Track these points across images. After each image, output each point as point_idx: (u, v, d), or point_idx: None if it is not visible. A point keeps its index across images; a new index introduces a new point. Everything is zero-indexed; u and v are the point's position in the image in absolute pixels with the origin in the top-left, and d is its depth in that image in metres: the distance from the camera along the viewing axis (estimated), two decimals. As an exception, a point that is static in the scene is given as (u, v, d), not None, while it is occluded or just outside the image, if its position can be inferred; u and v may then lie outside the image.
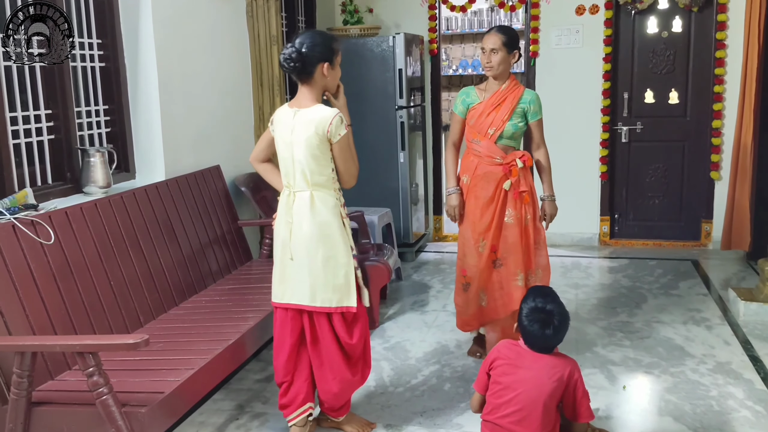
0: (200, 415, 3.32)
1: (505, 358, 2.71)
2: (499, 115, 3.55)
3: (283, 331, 2.97)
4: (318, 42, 2.82)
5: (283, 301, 2.93)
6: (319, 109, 2.81)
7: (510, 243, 3.58)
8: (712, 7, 5.74)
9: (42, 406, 2.51)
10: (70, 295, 2.91)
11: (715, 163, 5.86)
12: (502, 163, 3.56)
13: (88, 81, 3.64)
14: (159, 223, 3.64)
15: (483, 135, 3.58)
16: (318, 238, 2.83)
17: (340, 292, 2.86)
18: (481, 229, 3.61)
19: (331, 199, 2.87)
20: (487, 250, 3.60)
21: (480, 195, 3.60)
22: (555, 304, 2.72)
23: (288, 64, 2.81)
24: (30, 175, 3.26)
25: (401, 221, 5.82)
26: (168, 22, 3.87)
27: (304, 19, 5.86)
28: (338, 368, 2.94)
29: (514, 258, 3.57)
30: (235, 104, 4.63)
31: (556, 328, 2.67)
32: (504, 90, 3.58)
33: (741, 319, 4.35)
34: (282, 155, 2.90)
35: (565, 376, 2.64)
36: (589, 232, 6.25)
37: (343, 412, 3.09)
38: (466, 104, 3.66)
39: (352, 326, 2.95)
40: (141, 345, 2.34)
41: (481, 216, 3.60)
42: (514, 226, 3.57)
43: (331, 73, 2.87)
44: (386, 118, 5.70)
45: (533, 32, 6.06)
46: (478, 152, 3.61)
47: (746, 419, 3.15)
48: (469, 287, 3.68)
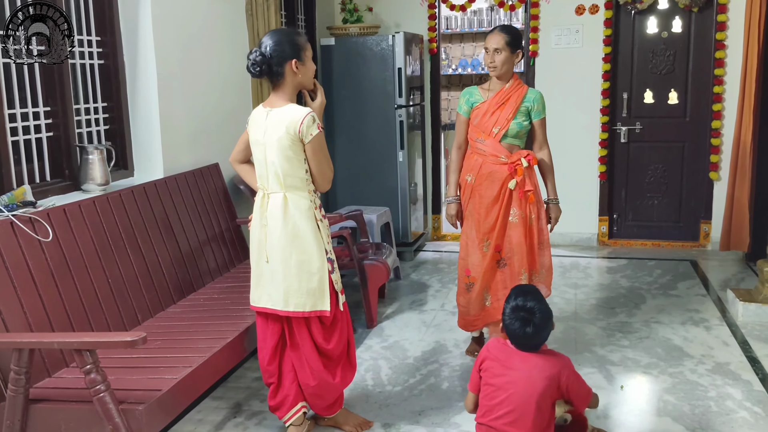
0: (198, 413, 3.31)
1: (495, 359, 2.69)
2: (504, 113, 3.55)
3: (264, 334, 2.97)
4: (280, 40, 2.75)
5: (259, 305, 2.91)
6: (291, 108, 2.75)
7: (515, 243, 3.57)
8: (712, 8, 5.74)
9: (39, 403, 2.51)
10: (68, 292, 2.91)
11: (715, 163, 5.86)
12: (507, 162, 3.55)
13: (87, 78, 3.64)
14: (157, 220, 3.63)
15: (487, 134, 3.58)
16: (291, 241, 2.79)
17: (314, 296, 2.82)
18: (485, 229, 3.60)
19: (305, 201, 2.80)
20: (491, 249, 3.60)
21: (485, 194, 3.59)
22: (536, 302, 2.65)
23: (254, 69, 2.75)
24: (28, 172, 3.26)
25: (400, 220, 5.82)
26: (167, 19, 3.87)
27: (304, 17, 5.85)
28: (318, 371, 2.92)
29: (518, 258, 3.57)
30: (234, 102, 4.62)
31: (536, 326, 2.60)
32: (508, 89, 3.59)
33: (740, 319, 4.35)
34: (256, 156, 2.86)
35: (555, 374, 2.61)
36: (588, 233, 6.25)
37: (334, 409, 3.09)
38: (470, 104, 3.65)
39: (331, 330, 2.93)
40: (138, 342, 2.34)
41: (486, 215, 3.59)
42: (519, 226, 3.56)
43: (302, 69, 2.80)
44: (385, 117, 5.69)
45: (533, 32, 6.05)
46: (482, 151, 3.60)
47: (744, 420, 3.15)
48: (472, 287, 3.67)
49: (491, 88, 3.64)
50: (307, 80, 2.85)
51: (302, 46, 2.79)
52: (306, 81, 2.84)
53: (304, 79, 2.83)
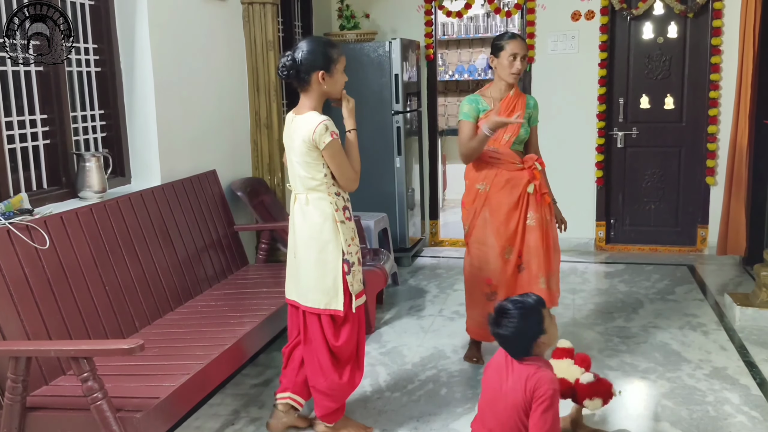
0: (196, 420, 3.31)
1: (495, 364, 2.69)
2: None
3: (291, 324, 3.14)
4: (312, 50, 2.84)
5: (287, 296, 3.07)
6: (309, 116, 2.85)
7: (533, 246, 3.58)
8: (707, 13, 5.76)
9: (36, 411, 2.51)
10: (65, 300, 2.91)
11: (711, 168, 5.88)
12: (524, 168, 3.58)
13: (84, 85, 3.64)
14: (155, 227, 3.63)
15: (499, 142, 3.59)
16: (310, 240, 2.91)
17: (328, 295, 2.91)
18: (508, 236, 3.59)
19: (325, 202, 2.89)
20: (514, 256, 3.60)
21: (504, 201, 3.57)
22: (516, 308, 2.56)
23: (282, 73, 2.87)
24: (25, 179, 3.26)
25: (397, 226, 5.82)
26: (164, 26, 3.87)
27: (301, 24, 5.87)
28: (327, 369, 2.98)
29: (536, 261, 3.58)
30: (231, 109, 4.62)
31: (507, 328, 2.53)
32: (513, 96, 3.61)
33: (737, 324, 4.35)
34: (287, 158, 3.01)
35: (530, 387, 2.50)
36: (586, 237, 6.25)
37: (336, 417, 3.09)
38: (478, 111, 3.61)
39: (340, 329, 2.98)
40: (136, 350, 2.34)
41: (506, 222, 3.59)
42: (536, 229, 3.58)
43: (329, 81, 2.88)
44: (382, 123, 5.70)
45: (529, 38, 6.06)
46: (497, 159, 3.60)
47: (742, 425, 3.15)
48: (495, 296, 3.62)
49: (493, 95, 3.65)
50: (335, 92, 2.94)
51: (334, 59, 2.87)
52: (333, 92, 2.94)
53: (330, 90, 2.92)
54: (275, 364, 3.92)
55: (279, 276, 4.16)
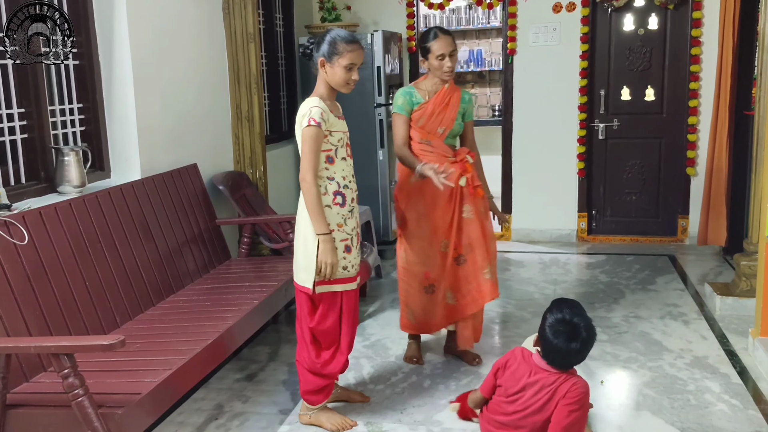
0: (179, 415, 3.29)
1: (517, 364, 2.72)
2: (449, 114, 3.57)
3: None
4: (329, 37, 2.96)
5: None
6: (308, 100, 2.97)
7: (473, 238, 3.58)
8: (687, 5, 5.80)
9: (17, 408, 2.48)
10: (45, 295, 2.88)
11: (691, 159, 5.93)
12: (456, 161, 3.57)
13: (62, 79, 3.59)
14: (135, 222, 3.60)
15: (433, 134, 3.58)
16: (299, 218, 3.01)
17: (302, 270, 2.99)
18: (443, 229, 3.59)
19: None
20: (450, 248, 3.60)
21: (438, 194, 3.52)
22: (582, 318, 2.62)
23: (302, 50, 3.08)
24: (3, 174, 3.22)
25: (380, 219, 5.82)
26: (143, 19, 3.83)
27: (281, 16, 5.83)
28: (308, 345, 3.06)
29: (479, 252, 3.58)
30: (212, 102, 4.59)
31: (584, 341, 2.59)
32: (448, 90, 3.59)
33: (717, 313, 4.39)
34: None
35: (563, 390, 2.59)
36: (567, 229, 6.28)
37: (317, 399, 3.12)
38: (412, 104, 3.59)
39: (315, 310, 3.04)
40: (117, 346, 2.32)
41: (441, 215, 3.58)
42: (474, 221, 3.58)
43: (329, 70, 2.95)
44: (365, 115, 5.69)
45: (511, 30, 6.08)
46: (429, 152, 3.57)
47: (723, 413, 3.19)
48: (434, 288, 3.65)
49: (427, 88, 3.61)
50: (332, 83, 2.99)
51: (337, 52, 2.93)
52: (333, 83, 2.98)
53: (330, 80, 2.98)
54: (259, 359, 3.91)
55: (261, 270, 4.16)
